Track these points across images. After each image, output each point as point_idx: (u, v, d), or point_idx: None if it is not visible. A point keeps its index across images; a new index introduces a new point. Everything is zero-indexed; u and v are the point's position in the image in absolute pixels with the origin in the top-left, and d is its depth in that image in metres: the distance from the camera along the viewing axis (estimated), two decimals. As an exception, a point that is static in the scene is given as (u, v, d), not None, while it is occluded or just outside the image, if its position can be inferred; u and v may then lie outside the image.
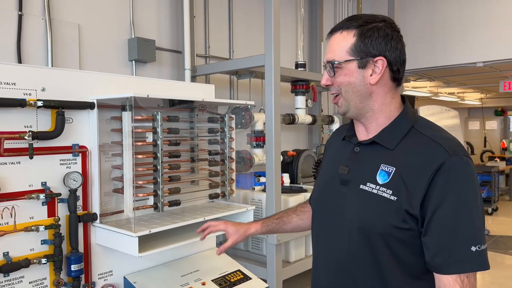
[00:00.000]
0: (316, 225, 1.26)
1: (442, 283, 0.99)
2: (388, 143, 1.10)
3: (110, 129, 1.68)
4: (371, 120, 1.14)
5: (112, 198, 1.70)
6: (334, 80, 1.12)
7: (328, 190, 1.20)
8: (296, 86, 4.35)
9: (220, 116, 1.87)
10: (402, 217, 1.01)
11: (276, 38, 3.29)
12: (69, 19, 3.31)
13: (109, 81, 1.69)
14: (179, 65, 4.07)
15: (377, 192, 1.06)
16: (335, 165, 1.20)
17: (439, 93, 8.70)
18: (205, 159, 1.88)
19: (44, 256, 1.50)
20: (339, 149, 1.25)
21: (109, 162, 1.69)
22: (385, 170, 1.06)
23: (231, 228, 1.49)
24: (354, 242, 1.08)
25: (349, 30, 1.10)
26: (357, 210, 1.08)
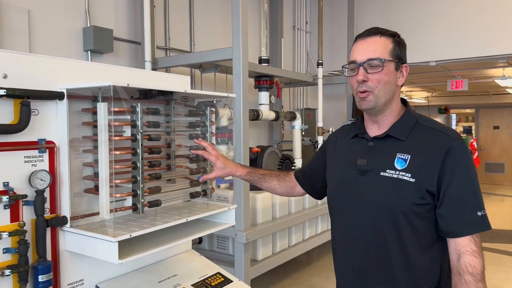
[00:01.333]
0: (338, 213, 1.43)
1: (459, 245, 1.22)
2: (401, 135, 1.32)
3: (81, 123, 1.51)
4: (388, 117, 1.34)
5: (83, 199, 1.53)
6: (371, 78, 1.27)
7: (346, 181, 1.37)
8: (260, 82, 4.28)
9: (201, 109, 1.75)
10: (420, 194, 1.23)
11: (244, 31, 3.20)
12: (18, 3, 3.00)
13: (78, 68, 1.52)
14: (137, 57, 3.86)
15: (397, 176, 1.26)
16: (349, 159, 1.38)
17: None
18: (185, 155, 1.75)
19: (7, 266, 1.30)
20: (349, 146, 1.44)
21: (80, 159, 1.52)
22: (402, 158, 1.28)
23: (219, 163, 1.62)
24: (380, 221, 1.27)
25: (387, 37, 1.30)
26: (382, 194, 1.28)
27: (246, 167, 1.69)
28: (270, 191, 1.72)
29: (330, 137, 1.59)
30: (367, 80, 1.28)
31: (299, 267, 4.45)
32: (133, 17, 3.84)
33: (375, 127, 1.37)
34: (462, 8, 4.91)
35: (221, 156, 1.63)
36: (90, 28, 3.37)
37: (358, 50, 1.31)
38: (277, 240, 3.68)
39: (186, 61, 3.72)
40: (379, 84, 1.28)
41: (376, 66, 1.27)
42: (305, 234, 4.07)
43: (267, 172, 1.72)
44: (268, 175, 1.70)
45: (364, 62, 1.28)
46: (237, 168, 1.65)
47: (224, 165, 1.62)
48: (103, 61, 3.53)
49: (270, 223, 3.50)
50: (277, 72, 4.37)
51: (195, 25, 4.42)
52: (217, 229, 1.74)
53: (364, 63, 1.28)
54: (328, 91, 5.54)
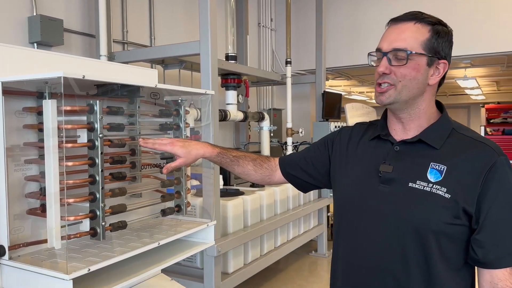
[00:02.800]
0: (347, 227, 1.21)
1: (497, 278, 1.04)
2: (435, 142, 1.12)
3: (22, 125, 1.19)
4: (413, 118, 1.15)
5: (26, 222, 1.21)
6: (395, 71, 1.09)
7: (364, 189, 1.17)
8: (228, 80, 4.01)
9: (174, 109, 1.47)
10: (456, 213, 1.04)
11: (213, 23, 2.92)
12: None
13: (18, 56, 1.20)
14: (92, 51, 3.47)
15: (430, 190, 1.07)
16: (369, 164, 1.18)
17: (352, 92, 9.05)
18: (154, 164, 1.46)
19: None
20: (368, 149, 1.22)
21: (21, 172, 1.19)
22: (436, 169, 1.09)
23: (179, 150, 1.30)
24: (403, 242, 1.08)
25: (424, 24, 1.11)
26: (409, 209, 1.08)
27: (216, 147, 1.38)
28: (243, 176, 1.45)
29: (342, 133, 1.34)
30: (389, 73, 1.10)
31: (271, 276, 4.23)
32: (86, 7, 3.45)
33: (399, 127, 1.18)
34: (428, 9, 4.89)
35: (177, 141, 1.31)
36: (37, 18, 2.97)
37: (386, 36, 1.12)
38: (249, 250, 3.43)
39: (148, 56, 3.38)
40: (403, 79, 1.09)
41: (401, 59, 1.09)
42: (277, 241, 3.85)
43: (241, 155, 1.43)
44: (243, 158, 1.41)
45: (389, 52, 1.09)
46: (204, 148, 1.33)
47: (186, 149, 1.30)
48: (51, 54, 3.13)
49: (242, 232, 3.24)
50: (246, 70, 4.13)
51: (155, 18, 4.08)
52: (195, 251, 1.48)
53: (389, 53, 1.09)
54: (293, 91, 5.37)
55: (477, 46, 4.63)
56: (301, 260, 4.68)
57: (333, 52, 5.62)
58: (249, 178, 1.45)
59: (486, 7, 4.60)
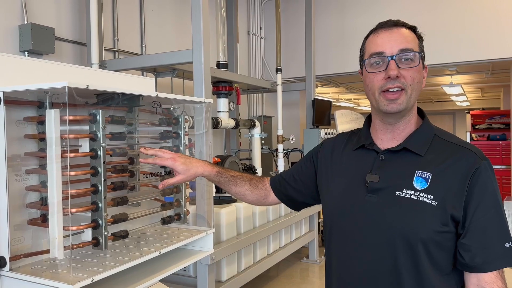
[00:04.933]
0: (338, 239, 1.19)
1: (484, 281, 1.03)
2: (419, 149, 1.11)
3: (23, 135, 1.18)
4: (405, 126, 1.14)
5: (27, 232, 1.19)
6: (404, 74, 1.06)
7: (351, 200, 1.15)
8: (219, 88, 4.03)
9: (173, 117, 1.48)
10: (444, 220, 1.04)
11: (206, 31, 2.94)
12: None
13: (18, 66, 1.20)
14: (83, 59, 3.46)
15: (417, 197, 1.06)
16: (355, 174, 1.16)
17: (340, 99, 9.15)
18: (154, 173, 1.46)
19: None
20: (353, 158, 1.21)
21: (22, 182, 1.18)
22: (422, 176, 1.07)
23: (180, 166, 1.29)
24: (393, 251, 1.07)
25: (411, 31, 1.11)
26: (397, 217, 1.07)
27: (215, 166, 1.37)
28: (239, 197, 1.43)
29: (324, 145, 1.33)
30: (399, 76, 1.05)
31: (263, 283, 4.23)
32: (77, 15, 3.44)
33: (388, 137, 1.16)
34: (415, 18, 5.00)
35: (179, 157, 1.31)
36: (28, 26, 2.95)
37: (386, 40, 1.08)
38: (242, 257, 3.42)
39: (140, 64, 3.38)
40: (413, 82, 1.06)
41: (410, 59, 1.06)
42: (269, 248, 3.86)
43: (239, 175, 1.41)
44: (240, 178, 1.40)
45: (396, 55, 1.05)
46: (204, 167, 1.33)
47: (186, 167, 1.29)
48: (42, 63, 3.10)
49: (235, 239, 3.24)
50: (238, 78, 4.15)
51: (146, 26, 4.09)
52: (194, 260, 1.48)
53: (397, 55, 1.05)
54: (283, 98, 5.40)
55: (462, 54, 4.74)
56: (293, 267, 4.69)
57: (322, 60, 5.68)
58: (245, 198, 1.42)
59: (471, 15, 4.72)
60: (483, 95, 10.18)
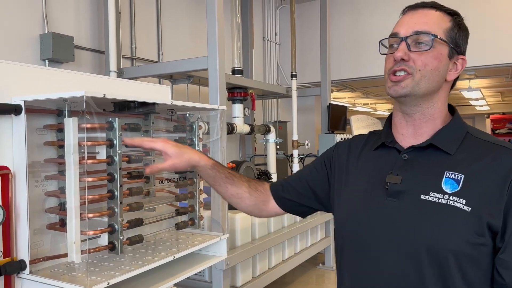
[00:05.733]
0: (351, 249, 1.04)
1: None
2: (449, 147, 0.98)
3: (43, 143, 1.22)
4: (427, 120, 1.01)
5: (46, 236, 1.24)
6: (414, 58, 0.96)
7: (369, 204, 1.02)
8: (234, 94, 4.07)
9: (187, 124, 1.51)
10: (479, 229, 0.89)
11: (221, 39, 2.98)
12: (-38, 4, 2.64)
13: (38, 76, 1.24)
14: (101, 67, 3.53)
15: (446, 202, 0.92)
16: (374, 176, 1.04)
17: (356, 104, 9.09)
18: (170, 179, 1.49)
19: None
20: (372, 159, 1.08)
21: (41, 188, 1.23)
22: (452, 178, 0.94)
23: (171, 149, 1.13)
24: (418, 265, 0.92)
25: (444, 14, 1.00)
26: (422, 225, 0.93)
27: (210, 159, 1.20)
28: (235, 200, 1.23)
29: (339, 147, 1.19)
30: (408, 59, 0.96)
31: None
32: (96, 24, 3.53)
33: (409, 132, 1.03)
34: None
35: (171, 142, 1.16)
36: (48, 35, 3.04)
37: (404, 21, 1.00)
38: (257, 263, 3.43)
39: (156, 71, 3.44)
40: (424, 68, 0.96)
41: (424, 43, 0.96)
42: (284, 254, 3.85)
43: (237, 173, 1.24)
44: (238, 178, 1.22)
45: (409, 36, 0.96)
46: (200, 155, 1.17)
47: (180, 150, 1.14)
48: (62, 71, 3.19)
49: (250, 245, 3.25)
50: (252, 84, 4.18)
51: (163, 34, 4.16)
52: (209, 264, 1.50)
53: (408, 37, 0.96)
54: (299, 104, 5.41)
55: (481, 58, 4.67)
56: (308, 273, 4.66)
57: (337, 65, 5.67)
58: (242, 202, 1.23)
59: (490, 19, 4.65)
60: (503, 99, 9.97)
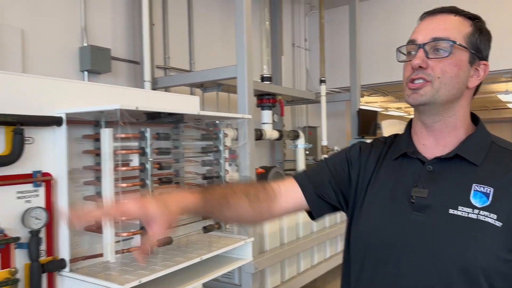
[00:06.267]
0: (373, 266, 0.98)
1: None
2: (475, 158, 0.93)
3: (82, 151, 1.34)
4: (449, 129, 0.97)
5: (84, 238, 1.35)
6: (433, 65, 0.92)
7: (394, 219, 0.96)
8: (263, 100, 4.14)
9: (213, 132, 1.59)
10: (511, 246, 0.85)
11: (249, 48, 3.06)
12: (12, 23, 2.85)
13: (78, 90, 1.36)
14: (136, 77, 3.70)
15: (476, 217, 0.88)
16: (397, 189, 0.98)
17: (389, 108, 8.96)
18: (197, 184, 1.57)
19: (-4, 323, 1.11)
20: (393, 169, 1.01)
21: (80, 193, 1.34)
22: (481, 191, 0.90)
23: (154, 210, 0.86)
24: (449, 281, 0.87)
25: (465, 18, 0.96)
26: (452, 241, 0.88)
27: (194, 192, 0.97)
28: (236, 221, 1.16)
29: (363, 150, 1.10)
30: (426, 67, 0.92)
31: (307, 294, 4.23)
32: (131, 36, 3.70)
33: (431, 142, 0.98)
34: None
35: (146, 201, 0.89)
36: (87, 48, 3.23)
37: (421, 28, 0.97)
38: (286, 267, 3.47)
39: (188, 80, 3.57)
40: (443, 75, 0.92)
41: (443, 49, 0.92)
42: (313, 259, 3.87)
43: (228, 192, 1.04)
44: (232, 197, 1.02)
45: (426, 43, 0.93)
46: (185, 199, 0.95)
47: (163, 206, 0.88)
48: (100, 81, 3.37)
49: (278, 249, 3.30)
50: (281, 90, 4.25)
51: (195, 44, 4.30)
52: (234, 266, 1.56)
53: (426, 44, 0.93)
54: (328, 109, 5.42)
55: (517, 60, 4.52)
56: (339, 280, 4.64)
57: (367, 69, 5.64)
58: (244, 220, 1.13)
59: (526, 20, 4.50)
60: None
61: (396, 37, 5.50)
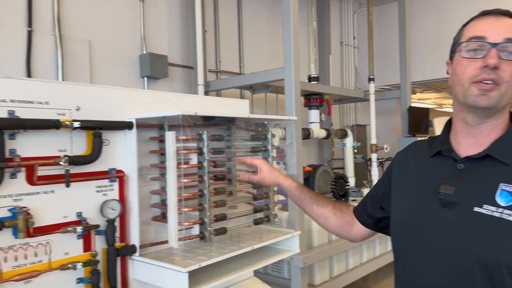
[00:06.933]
0: (404, 258, 1.04)
1: None
2: (506, 157, 0.95)
3: (149, 151, 1.53)
4: (492, 130, 0.99)
5: (151, 227, 1.54)
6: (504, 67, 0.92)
7: (423, 214, 1.01)
8: (310, 100, 4.23)
9: (262, 133, 1.73)
10: None
11: (296, 51, 3.17)
12: (80, 35, 3.17)
13: (142, 98, 1.55)
14: (190, 81, 3.94)
15: (500, 215, 0.90)
16: (428, 184, 1.03)
17: (443, 105, 8.66)
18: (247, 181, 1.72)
19: (81, 297, 1.32)
20: (428, 167, 1.07)
21: (148, 187, 1.53)
22: (507, 190, 0.92)
23: (265, 166, 1.43)
24: (470, 279, 0.90)
25: None
26: (474, 238, 0.91)
27: (294, 181, 1.39)
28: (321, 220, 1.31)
29: (396, 158, 1.20)
30: (499, 69, 0.91)
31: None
32: (186, 43, 3.94)
33: (469, 142, 1.01)
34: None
35: (266, 162, 1.46)
36: (146, 55, 3.49)
37: (491, 25, 0.95)
38: (334, 264, 3.55)
39: (238, 83, 3.75)
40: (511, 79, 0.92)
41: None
42: (362, 257, 3.90)
43: (320, 196, 1.34)
44: (323, 199, 1.32)
45: (500, 44, 0.91)
46: (286, 178, 1.40)
47: (271, 169, 1.42)
48: (158, 86, 3.63)
49: (326, 246, 3.38)
50: (328, 90, 4.31)
51: (244, 47, 4.47)
52: (283, 257, 1.69)
53: (500, 44, 0.92)
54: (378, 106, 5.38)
55: None
56: (390, 279, 4.62)
57: (419, 66, 5.53)
58: (328, 222, 1.31)
59: None
60: None
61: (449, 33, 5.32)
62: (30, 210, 1.23)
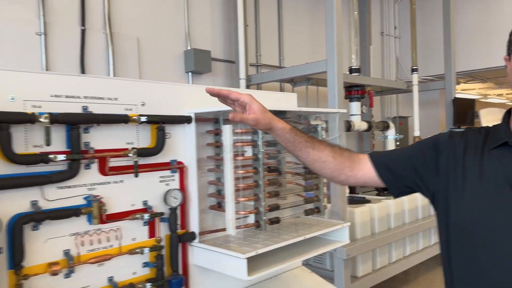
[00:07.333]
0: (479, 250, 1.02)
1: None
2: None
3: (206, 144, 1.61)
4: None
5: (208, 215, 1.62)
6: None
7: (500, 207, 0.99)
8: (351, 92, 4.20)
9: (312, 126, 1.76)
10: None
11: (339, 43, 3.17)
12: (129, 32, 3.31)
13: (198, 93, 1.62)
14: (232, 75, 4.01)
15: None
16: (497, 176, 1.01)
17: (488, 95, 8.33)
18: (299, 173, 1.77)
19: (147, 280, 1.42)
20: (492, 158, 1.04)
21: (205, 178, 1.61)
22: None
23: (256, 105, 1.14)
24: None
25: None
26: None
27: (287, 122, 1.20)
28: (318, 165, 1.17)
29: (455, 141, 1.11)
30: None
31: (400, 285, 4.23)
32: (227, 38, 4.01)
33: None
34: None
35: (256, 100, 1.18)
36: (191, 51, 3.59)
37: None
38: (377, 257, 3.54)
39: (279, 77, 3.78)
40: None
41: None
42: (405, 250, 3.87)
43: (318, 139, 1.22)
44: (319, 142, 1.18)
45: None
46: (279, 120, 1.18)
47: (263, 109, 1.15)
48: (202, 80, 3.73)
49: (369, 238, 3.38)
50: (370, 81, 4.26)
51: (284, 41, 4.49)
52: (333, 247, 1.73)
53: None
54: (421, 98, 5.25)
55: None
56: (432, 273, 4.55)
57: (463, 55, 5.35)
58: (326, 166, 1.17)
59: None
60: None
61: (495, 22, 5.14)
62: (102, 199, 1.33)
